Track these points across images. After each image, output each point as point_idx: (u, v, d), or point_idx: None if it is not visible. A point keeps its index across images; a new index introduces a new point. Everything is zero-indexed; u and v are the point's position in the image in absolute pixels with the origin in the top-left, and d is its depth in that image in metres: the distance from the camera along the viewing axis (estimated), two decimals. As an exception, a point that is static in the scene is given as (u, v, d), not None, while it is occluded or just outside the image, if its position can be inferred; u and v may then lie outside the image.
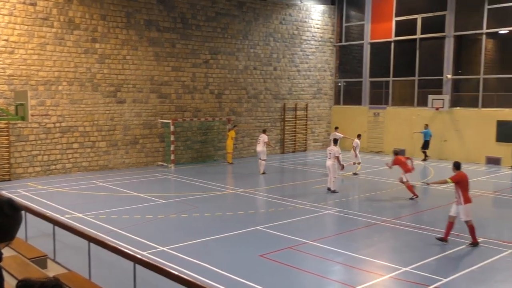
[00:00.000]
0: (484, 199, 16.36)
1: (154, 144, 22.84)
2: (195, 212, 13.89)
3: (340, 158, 16.90)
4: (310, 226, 12.86)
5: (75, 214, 13.40)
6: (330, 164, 16.71)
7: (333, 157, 16.66)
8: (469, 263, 9.75)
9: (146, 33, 22.10)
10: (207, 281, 8.36)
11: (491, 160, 23.90)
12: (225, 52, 25.07)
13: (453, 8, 25.39)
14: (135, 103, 22.03)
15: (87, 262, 8.30)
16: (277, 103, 27.76)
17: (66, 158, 20.20)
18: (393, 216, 13.61)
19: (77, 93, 20.32)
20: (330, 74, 30.48)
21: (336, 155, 16.64)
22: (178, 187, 18.34)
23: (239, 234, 11.78)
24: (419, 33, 26.79)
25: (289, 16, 27.86)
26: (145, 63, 22.18)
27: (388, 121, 27.86)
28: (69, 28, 19.88)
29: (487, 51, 25.14)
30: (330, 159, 16.71)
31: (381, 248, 11.15)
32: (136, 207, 14.49)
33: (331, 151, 16.88)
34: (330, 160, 16.72)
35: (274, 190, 17.42)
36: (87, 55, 20.44)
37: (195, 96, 24.10)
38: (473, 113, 24.76)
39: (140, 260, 7.22)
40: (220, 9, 24.74)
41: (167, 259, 9.60)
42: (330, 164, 16.72)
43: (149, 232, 11.85)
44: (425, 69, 26.98)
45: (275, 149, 27.73)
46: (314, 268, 9.51)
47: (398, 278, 9.02)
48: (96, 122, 20.95)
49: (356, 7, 30.14)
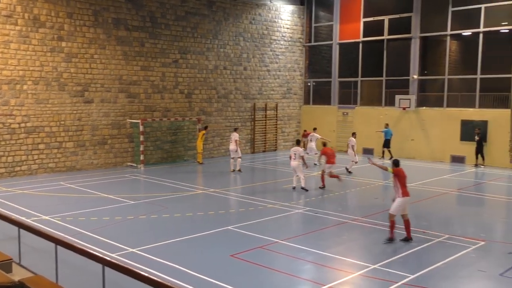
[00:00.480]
0: (449, 197, 16.79)
1: (123, 145, 22.54)
2: (165, 213, 13.78)
3: (305, 158, 17.34)
4: (280, 226, 12.93)
5: (42, 217, 13.11)
6: (296, 164, 17.03)
7: (298, 158, 16.95)
8: (435, 259, 9.99)
9: (114, 32, 21.78)
10: (178, 282, 8.32)
11: (455, 159, 24.52)
12: (194, 51, 24.95)
13: (419, 10, 25.96)
14: (103, 103, 21.68)
15: (54, 266, 8.14)
16: (247, 103, 27.79)
17: (31, 159, 19.72)
18: (362, 214, 13.82)
19: (43, 92, 19.87)
20: (299, 74, 30.70)
21: (301, 155, 16.98)
22: (148, 188, 18.15)
23: (209, 235, 11.75)
24: (386, 34, 27.27)
25: (258, 16, 27.93)
26: (113, 62, 21.86)
27: (357, 121, 28.25)
28: (34, 26, 19.42)
29: (451, 52, 25.79)
30: (295, 159, 16.98)
31: (351, 246, 11.31)
32: (105, 208, 14.27)
33: (296, 151, 17.11)
34: (295, 161, 17.00)
35: (245, 190, 17.44)
36: (53, 54, 20.01)
37: (164, 95, 23.89)
38: (438, 113, 25.37)
39: (109, 262, 7.12)
40: (190, 8, 24.61)
41: (137, 261, 9.50)
42: (295, 165, 17.05)
43: (118, 234, 11.69)
44: (392, 70, 27.48)
45: (246, 149, 27.75)
46: (284, 267, 9.57)
47: (367, 275, 9.17)
48: (63, 122, 20.54)
49: (325, 8, 30.45)
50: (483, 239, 11.45)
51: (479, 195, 17.30)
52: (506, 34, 23.73)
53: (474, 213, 14.74)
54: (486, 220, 13.85)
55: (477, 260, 10.05)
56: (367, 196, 16.84)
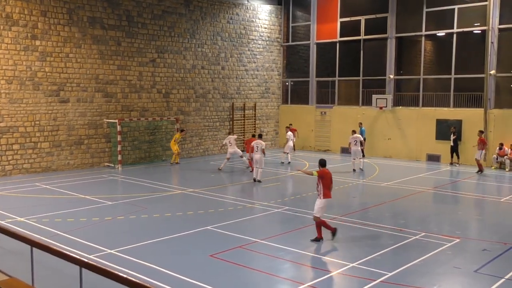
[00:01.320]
0: (425, 195, 17.05)
1: (100, 145, 22.25)
2: (144, 213, 13.66)
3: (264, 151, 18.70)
4: (259, 225, 12.95)
5: (16, 218, 12.86)
6: (258, 157, 18.47)
7: (261, 150, 18.46)
8: (412, 257, 10.13)
9: (90, 31, 21.49)
10: (157, 283, 8.26)
11: (431, 158, 24.93)
12: (172, 51, 24.80)
13: (394, 11, 26.30)
14: (79, 103, 21.38)
15: (29, 268, 7.99)
16: (225, 102, 27.75)
17: (5, 159, 19.32)
18: (340, 213, 13.94)
19: (17, 92, 19.49)
20: (277, 74, 30.79)
21: (263, 148, 18.51)
22: (125, 188, 17.96)
23: (188, 235, 11.69)
24: (363, 34, 27.55)
25: (236, 15, 27.91)
26: (89, 61, 21.56)
27: (335, 120, 28.48)
28: (7, 24, 19.03)
29: (426, 52, 26.20)
30: (258, 152, 18.47)
31: (329, 245, 11.38)
32: (82, 209, 14.07)
33: (259, 144, 18.55)
34: (257, 153, 18.49)
35: (224, 190, 17.41)
36: (27, 53, 19.64)
37: (142, 95, 23.68)
38: (414, 112, 25.75)
39: (87, 263, 7.02)
40: (167, 7, 24.44)
41: (115, 262, 9.40)
42: (258, 157, 18.51)
43: (96, 235, 11.55)
44: (369, 69, 27.78)
45: (224, 149, 27.67)
46: (264, 267, 9.59)
47: (346, 274, 9.25)
48: (38, 122, 20.17)
49: (302, 8, 30.60)
50: (459, 236, 11.67)
51: (454, 193, 17.63)
52: (479, 34, 24.22)
53: (450, 211, 15.00)
54: (461, 218, 14.11)
55: (453, 257, 10.23)
56: (345, 195, 16.99)
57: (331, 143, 28.72)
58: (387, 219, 13.56)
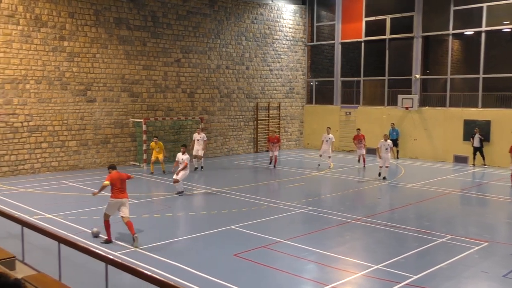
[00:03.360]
0: (451, 197, 16.75)
1: (126, 144, 22.55)
2: (168, 212, 13.78)
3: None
4: (283, 225, 12.92)
5: (44, 215, 13.13)
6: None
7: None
8: (438, 260, 9.96)
9: (116, 31, 21.79)
10: (181, 281, 8.31)
11: (458, 159, 24.48)
12: (196, 51, 24.95)
13: (421, 9, 25.91)
14: (105, 102, 21.70)
15: (57, 264, 8.14)
16: (249, 102, 27.79)
17: (34, 158, 19.75)
18: (364, 214, 13.80)
19: (46, 91, 19.89)
20: (302, 74, 30.68)
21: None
22: (150, 187, 18.15)
23: (213, 234, 11.74)
24: (388, 33, 27.23)
25: (260, 15, 27.92)
26: (115, 62, 21.87)
27: (360, 120, 28.21)
28: (36, 25, 19.44)
29: (453, 51, 25.75)
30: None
31: (353, 246, 11.29)
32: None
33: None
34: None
35: (247, 189, 17.43)
36: (55, 53, 20.03)
37: (167, 95, 23.90)
38: (441, 113, 25.32)
39: (112, 260, 7.13)
40: (191, 8, 24.61)
41: (140, 260, 9.50)
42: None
43: (121, 232, 11.69)
44: (394, 69, 27.45)
45: (248, 148, 27.78)
46: (287, 267, 9.56)
47: (370, 275, 9.15)
48: (66, 121, 20.56)
49: (327, 7, 30.43)
50: (487, 240, 11.42)
51: (482, 196, 17.26)
52: (508, 33, 23.67)
53: (477, 214, 14.70)
54: (489, 220, 13.80)
55: (480, 261, 10.02)
56: (369, 196, 16.82)
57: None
58: (412, 221, 13.38)
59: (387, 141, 19.72)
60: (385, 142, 19.58)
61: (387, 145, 19.55)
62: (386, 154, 19.36)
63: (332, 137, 22.36)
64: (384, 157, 19.32)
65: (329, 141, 22.21)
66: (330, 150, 22.52)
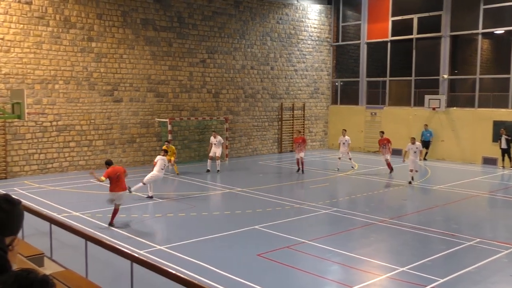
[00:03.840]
0: (480, 199, 16.41)
1: (152, 143, 22.80)
2: (193, 211, 13.87)
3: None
4: (307, 226, 12.86)
5: (72, 213, 13.37)
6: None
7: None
8: (466, 263, 9.77)
9: (143, 32, 22.06)
10: (205, 281, 8.35)
11: (487, 161, 23.96)
12: (222, 51, 25.06)
13: (449, 8, 25.46)
14: (132, 102, 21.98)
15: (83, 261, 8.28)
16: (274, 102, 27.76)
17: (62, 156, 20.14)
18: (390, 216, 13.63)
19: (74, 92, 20.26)
20: (327, 74, 30.51)
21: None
22: (175, 186, 18.30)
23: (236, 233, 11.77)
24: (416, 33, 26.84)
25: (285, 15, 27.87)
26: (141, 62, 22.13)
27: (385, 121, 27.89)
28: (65, 27, 19.82)
29: (483, 51, 25.22)
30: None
31: (378, 248, 11.17)
32: (133, 206, 14.46)
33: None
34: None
35: (272, 190, 17.40)
36: (84, 54, 20.38)
37: (192, 95, 24.07)
38: (469, 113, 24.83)
39: (137, 258, 7.21)
40: (217, 8, 24.72)
41: (164, 258, 9.58)
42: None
43: (147, 231, 11.84)
44: (421, 69, 27.03)
45: (273, 149, 27.76)
46: (311, 268, 9.52)
47: (395, 278, 9.03)
48: (93, 121, 20.90)
49: (353, 7, 30.18)
50: (516, 243, 11.16)
51: (511, 199, 16.85)
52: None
53: (506, 217, 14.35)
54: (519, 223, 13.47)
55: (509, 265, 9.78)
56: (395, 198, 16.61)
57: (381, 145, 28.10)
58: (439, 223, 13.15)
59: (415, 144, 18.83)
60: (413, 145, 18.71)
61: (415, 148, 18.67)
62: (414, 158, 18.51)
63: (348, 139, 21.99)
64: (412, 160, 18.51)
65: (346, 143, 21.88)
66: (348, 151, 22.03)
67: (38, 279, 2.40)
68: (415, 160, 18.53)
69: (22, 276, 2.39)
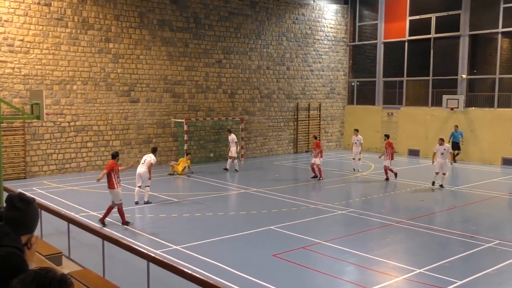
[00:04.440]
0: (499, 201, 16.15)
1: (168, 143, 22.93)
2: (209, 211, 13.91)
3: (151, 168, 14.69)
4: (323, 226, 12.80)
5: (89, 212, 13.50)
6: (143, 172, 14.50)
7: (147, 164, 14.51)
8: (485, 265, 9.62)
9: (159, 33, 22.19)
10: (221, 280, 8.36)
11: (507, 161, 23.59)
12: (238, 51, 25.09)
13: (468, 7, 25.13)
14: (148, 103, 22.13)
15: (101, 260, 8.35)
16: (290, 102, 27.71)
17: (80, 156, 20.36)
18: (407, 217, 13.50)
19: (91, 92, 20.47)
20: (343, 74, 30.35)
21: (152, 162, 14.60)
22: (191, 186, 18.37)
23: (252, 234, 11.76)
24: (433, 32, 26.55)
25: (302, 15, 27.80)
26: (158, 63, 22.27)
27: (402, 121, 27.65)
28: (83, 28, 20.03)
29: (502, 50, 24.84)
30: (143, 165, 14.60)
31: (395, 249, 11.06)
32: (150, 206, 14.55)
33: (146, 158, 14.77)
34: (143, 168, 14.56)
35: (287, 190, 17.37)
36: (101, 55, 20.58)
37: (208, 95, 24.14)
38: (488, 113, 24.48)
39: (154, 258, 7.24)
40: (233, 9, 24.76)
41: (181, 258, 9.62)
42: (143, 172, 14.50)
43: (162, 231, 11.89)
44: (439, 69, 26.73)
45: (288, 149, 27.71)
46: (327, 269, 9.47)
47: (412, 279, 8.94)
48: (110, 121, 21.09)
49: (370, 7, 29.97)
50: (537, 245, 10.95)
51: (531, 199, 16.57)
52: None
53: (527, 218, 14.11)
54: (539, 225, 13.23)
55: (530, 267, 9.62)
56: (412, 198, 16.44)
57: (398, 145, 27.85)
58: (457, 224, 12.99)
59: (443, 145, 17.99)
60: (441, 147, 17.89)
61: (443, 149, 17.83)
62: (442, 160, 17.71)
63: (361, 138, 21.73)
64: (440, 162, 17.75)
65: (358, 143, 21.69)
66: (359, 151, 21.67)
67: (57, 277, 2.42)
68: (443, 162, 17.73)
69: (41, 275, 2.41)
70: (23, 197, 3.29)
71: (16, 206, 3.21)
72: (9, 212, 3.21)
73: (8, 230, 3.14)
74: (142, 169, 14.63)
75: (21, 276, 2.46)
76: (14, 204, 3.21)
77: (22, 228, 3.21)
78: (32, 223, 3.30)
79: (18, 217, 3.20)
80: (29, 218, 3.26)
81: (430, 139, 25.62)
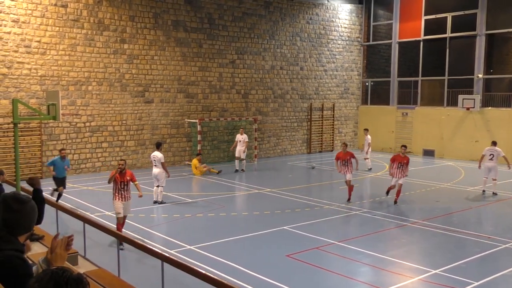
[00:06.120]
0: (517, 201, 15.93)
1: (181, 144, 23.03)
2: (222, 212, 13.94)
3: (165, 165, 14.68)
4: (337, 227, 12.76)
5: (105, 212, 13.62)
6: (158, 172, 14.58)
7: (160, 164, 14.53)
8: (502, 266, 9.51)
9: (174, 34, 22.30)
10: (234, 280, 8.38)
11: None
12: (251, 52, 25.10)
13: (485, 6, 24.84)
14: (162, 103, 22.25)
15: (116, 259, 8.42)
16: (303, 103, 27.65)
17: (95, 157, 20.54)
18: (422, 217, 13.39)
19: (106, 93, 20.65)
20: (357, 74, 30.20)
21: (162, 161, 14.54)
22: (205, 186, 18.43)
23: (265, 234, 11.76)
24: (449, 32, 26.29)
25: (316, 15, 27.72)
26: (172, 63, 22.38)
27: (417, 121, 27.42)
28: (99, 29, 20.21)
29: (520, 49, 24.51)
30: (157, 166, 14.55)
31: (410, 249, 10.98)
32: (163, 206, 14.63)
33: (155, 157, 14.68)
34: (157, 168, 14.55)
35: (301, 190, 17.34)
36: (116, 56, 20.75)
37: (221, 96, 24.20)
38: (505, 113, 24.16)
39: (168, 258, 7.28)
40: (247, 9, 24.79)
41: (195, 258, 9.66)
42: (158, 172, 14.57)
43: (176, 231, 11.95)
44: (455, 69, 26.46)
45: (302, 149, 27.65)
46: (341, 269, 9.43)
47: (427, 280, 8.86)
48: (125, 122, 21.25)
49: (384, 6, 29.78)
50: (555, 247, 10.79)
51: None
52: None
53: (544, 219, 13.90)
54: (557, 227, 13.02)
55: (547, 269, 9.48)
56: (428, 199, 16.30)
57: (412, 145, 27.65)
58: (473, 225, 12.85)
59: (493, 147, 16.47)
60: (490, 148, 16.50)
61: (493, 151, 16.31)
62: (489, 163, 16.32)
63: (369, 138, 21.90)
64: (487, 166, 16.40)
65: (366, 142, 21.73)
66: (367, 151, 21.70)
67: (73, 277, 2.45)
68: (491, 166, 16.33)
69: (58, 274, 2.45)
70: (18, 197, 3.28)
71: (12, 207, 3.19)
72: (5, 214, 3.18)
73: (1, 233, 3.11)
74: (156, 170, 14.73)
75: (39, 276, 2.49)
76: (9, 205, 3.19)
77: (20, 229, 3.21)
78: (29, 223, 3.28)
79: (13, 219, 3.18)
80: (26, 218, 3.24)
81: (445, 139, 25.35)
